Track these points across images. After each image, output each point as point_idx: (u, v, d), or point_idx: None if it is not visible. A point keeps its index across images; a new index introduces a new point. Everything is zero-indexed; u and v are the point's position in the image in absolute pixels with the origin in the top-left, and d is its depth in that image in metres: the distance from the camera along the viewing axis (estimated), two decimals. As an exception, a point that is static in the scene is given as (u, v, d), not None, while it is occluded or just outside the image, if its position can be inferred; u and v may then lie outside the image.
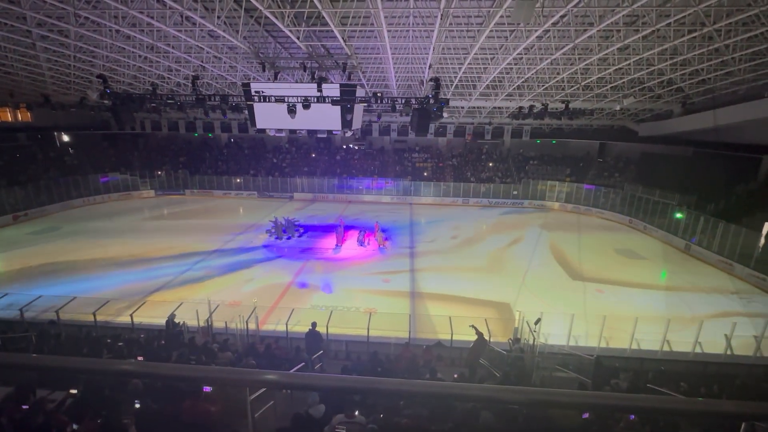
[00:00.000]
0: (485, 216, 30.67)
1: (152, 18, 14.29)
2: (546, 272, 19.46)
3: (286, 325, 11.61)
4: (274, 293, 16.42)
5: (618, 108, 25.76)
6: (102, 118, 35.51)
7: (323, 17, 13.44)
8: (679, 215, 23.92)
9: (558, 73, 20.79)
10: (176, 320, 11.60)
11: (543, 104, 20.66)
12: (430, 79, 16.17)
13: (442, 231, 26.45)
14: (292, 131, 18.25)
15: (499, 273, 19.44)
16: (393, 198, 34.98)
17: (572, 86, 22.95)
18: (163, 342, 10.20)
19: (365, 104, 15.95)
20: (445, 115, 20.37)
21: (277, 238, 23.44)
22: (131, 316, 12.20)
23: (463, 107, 30.65)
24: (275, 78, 17.30)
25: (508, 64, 19.16)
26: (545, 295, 16.72)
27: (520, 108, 24.03)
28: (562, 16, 13.82)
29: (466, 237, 25.18)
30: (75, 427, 3.34)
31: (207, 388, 4.57)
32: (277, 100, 15.19)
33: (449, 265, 20.28)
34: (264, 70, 17.64)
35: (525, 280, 18.25)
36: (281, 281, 17.73)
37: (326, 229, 25.55)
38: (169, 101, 17.21)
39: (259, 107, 16.61)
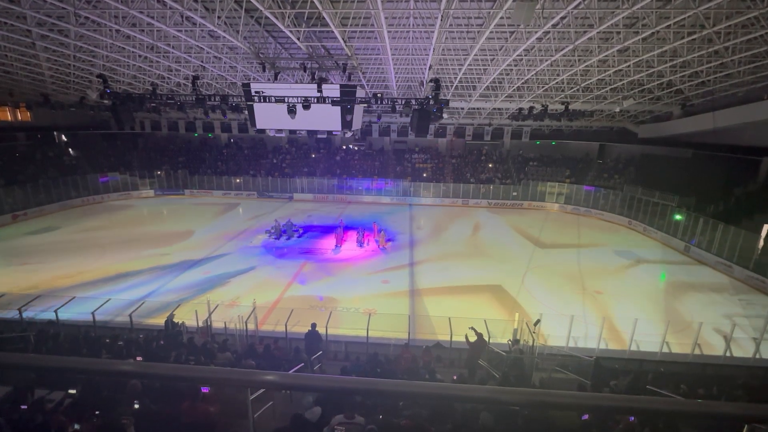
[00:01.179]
0: (483, 215, 30.71)
1: (152, 18, 14.29)
2: (545, 272, 19.47)
3: (286, 325, 11.59)
4: (274, 294, 16.40)
5: (618, 109, 25.79)
6: (101, 118, 35.38)
7: (323, 18, 13.45)
8: (678, 217, 23.94)
9: (558, 75, 20.81)
10: (175, 320, 11.58)
11: (543, 105, 20.69)
12: (430, 80, 16.18)
13: (441, 230, 26.50)
14: (292, 132, 18.26)
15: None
16: (393, 199, 34.97)
17: (572, 88, 22.98)
18: (162, 342, 10.17)
19: (365, 105, 15.96)
20: (444, 116, 20.39)
21: (276, 238, 23.42)
22: (130, 316, 12.18)
23: (462, 108, 30.67)
24: (275, 78, 17.30)
25: (508, 65, 19.18)
26: (545, 297, 16.73)
27: (520, 109, 24.05)
28: (562, 18, 13.85)
29: (468, 236, 25.25)
30: (77, 427, 3.33)
31: (205, 389, 4.56)
32: (277, 101, 15.19)
33: (447, 261, 20.37)
34: (264, 71, 17.66)
35: (524, 281, 18.27)
36: (280, 282, 17.70)
37: (326, 230, 25.54)
38: (169, 101, 17.21)
39: (259, 107, 16.62)
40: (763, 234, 18.76)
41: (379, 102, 15.33)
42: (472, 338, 10.28)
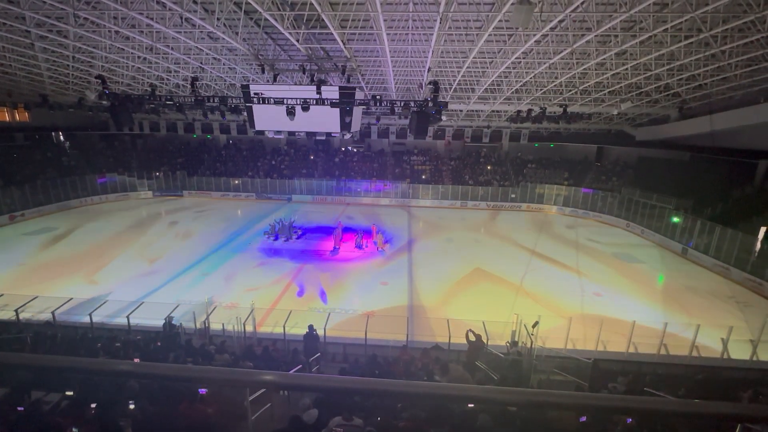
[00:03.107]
0: (481, 218, 30.78)
1: (152, 19, 14.30)
2: (544, 275, 19.49)
3: (284, 327, 11.57)
4: (272, 295, 16.37)
5: (615, 112, 25.91)
6: (100, 119, 35.48)
7: (323, 20, 13.49)
8: (675, 219, 24.02)
9: (556, 78, 20.90)
10: (173, 322, 11.55)
11: (541, 108, 20.80)
12: (429, 83, 16.24)
13: (440, 231, 26.53)
14: (291, 133, 18.33)
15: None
16: (391, 200, 34.99)
17: (570, 90, 23.08)
18: (159, 344, 10.15)
19: (364, 107, 16.02)
20: (443, 118, 20.45)
21: (275, 239, 23.40)
22: (128, 317, 12.13)
23: (461, 110, 30.76)
24: (274, 80, 17.33)
25: (506, 68, 19.25)
26: (544, 300, 16.75)
27: (519, 111, 24.17)
28: (561, 21, 13.92)
29: (469, 239, 25.29)
30: (75, 430, 3.32)
31: (203, 390, 4.55)
32: (276, 102, 15.24)
33: (447, 261, 20.36)
34: (263, 72, 17.67)
35: (523, 283, 18.29)
36: (279, 283, 17.68)
37: (324, 232, 25.54)
38: (167, 102, 17.24)
39: (258, 109, 16.65)
40: (761, 236, 18.83)
41: (378, 104, 15.40)
42: (471, 339, 10.29)
